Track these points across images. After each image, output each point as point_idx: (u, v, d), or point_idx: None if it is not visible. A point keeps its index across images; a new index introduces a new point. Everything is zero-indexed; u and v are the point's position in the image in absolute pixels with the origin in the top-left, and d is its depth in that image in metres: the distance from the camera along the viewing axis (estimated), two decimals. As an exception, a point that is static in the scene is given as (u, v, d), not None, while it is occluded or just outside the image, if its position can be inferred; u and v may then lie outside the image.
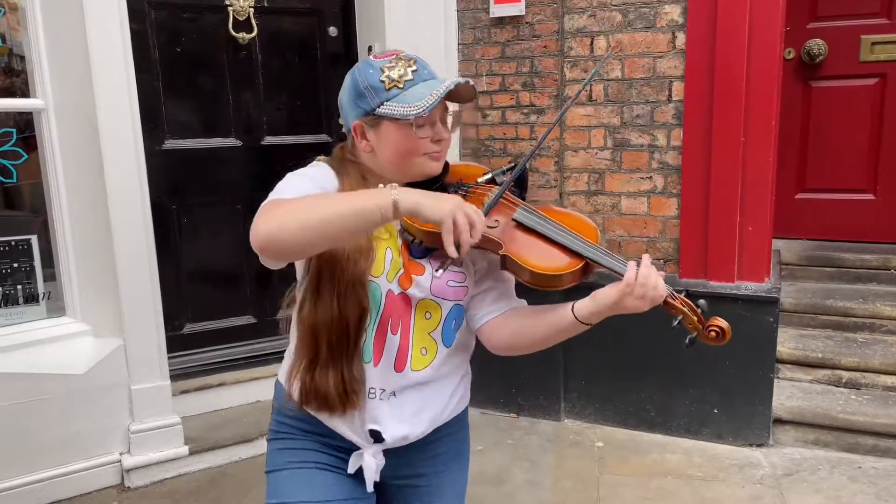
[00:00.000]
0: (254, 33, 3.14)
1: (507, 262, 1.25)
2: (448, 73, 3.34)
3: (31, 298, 2.79)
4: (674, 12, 2.93)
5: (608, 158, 3.15)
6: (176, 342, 3.12)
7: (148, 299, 2.79)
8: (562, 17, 3.12)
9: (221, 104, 3.20)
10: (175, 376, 3.00)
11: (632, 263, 1.18)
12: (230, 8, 3.08)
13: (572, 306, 1.22)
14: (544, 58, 3.19)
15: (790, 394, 3.02)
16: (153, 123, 2.99)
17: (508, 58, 3.26)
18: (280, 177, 1.34)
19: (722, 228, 2.96)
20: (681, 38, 2.93)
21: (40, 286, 2.81)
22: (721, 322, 1.21)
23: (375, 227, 1.14)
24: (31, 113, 2.74)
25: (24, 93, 2.76)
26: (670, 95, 3.00)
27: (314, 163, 1.38)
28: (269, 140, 3.33)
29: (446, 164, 1.35)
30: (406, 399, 1.31)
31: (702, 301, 1.23)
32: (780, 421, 2.97)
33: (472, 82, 1.28)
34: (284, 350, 1.41)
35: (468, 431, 1.51)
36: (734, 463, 2.89)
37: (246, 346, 3.37)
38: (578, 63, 3.13)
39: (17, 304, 2.77)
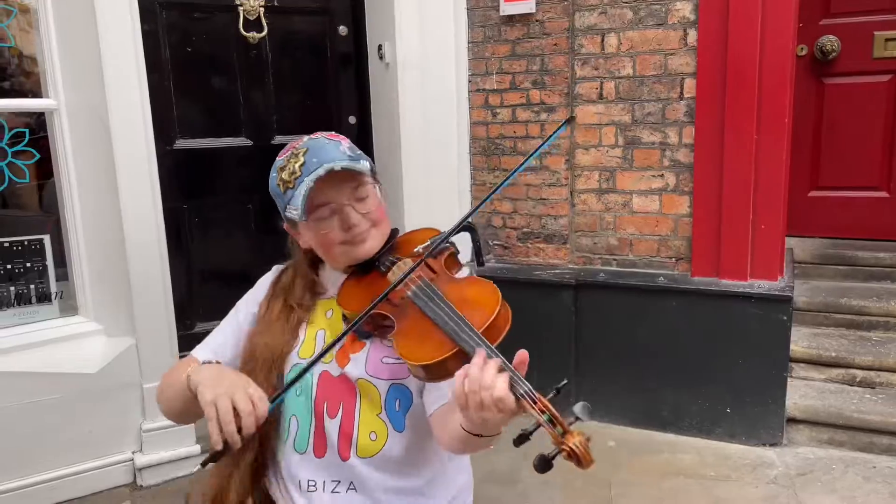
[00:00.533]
0: (264, 33, 3.15)
1: (394, 347, 1.14)
2: (458, 72, 3.34)
3: (44, 298, 2.81)
4: (685, 9, 2.91)
5: (619, 156, 3.13)
6: (187, 341, 3.12)
7: (160, 298, 2.80)
8: (572, 14, 3.11)
9: (232, 104, 3.21)
10: (187, 375, 3.01)
11: (476, 355, 0.98)
12: (240, 7, 3.08)
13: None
14: (555, 55, 3.17)
15: (804, 393, 3.00)
16: (164, 123, 3.00)
17: (518, 56, 3.25)
18: None
19: (734, 226, 2.94)
20: (692, 35, 2.91)
21: (53, 286, 2.82)
22: (578, 444, 0.95)
23: (192, 400, 1.14)
24: (43, 113, 2.75)
25: (36, 93, 2.77)
26: (682, 93, 2.98)
27: (272, 269, 1.44)
28: (279, 139, 3.33)
29: (394, 232, 1.31)
30: (365, 494, 1.19)
31: (578, 407, 0.98)
32: (793, 420, 2.95)
33: (345, 161, 1.20)
34: None
35: None
36: (747, 463, 2.87)
37: (257, 345, 3.37)
38: (589, 61, 3.12)
39: (30, 303, 2.78)
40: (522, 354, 0.97)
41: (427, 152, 3.26)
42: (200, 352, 1.33)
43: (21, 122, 2.79)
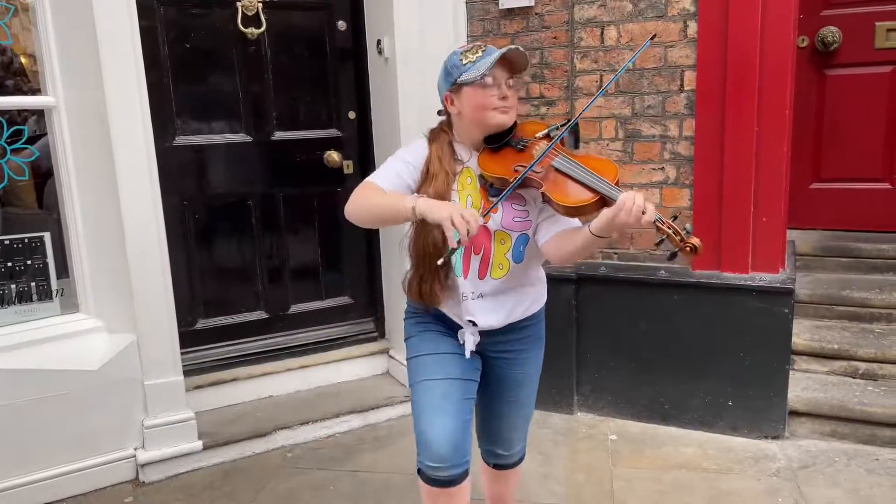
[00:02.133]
0: (262, 28, 3.14)
1: (546, 198, 1.67)
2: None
3: (45, 295, 2.81)
4: (685, 1, 2.89)
5: (619, 150, 3.12)
6: (189, 338, 3.13)
7: (160, 295, 2.80)
8: (571, 7, 3.10)
9: (231, 99, 3.20)
10: (188, 372, 3.01)
11: (629, 191, 1.52)
12: (239, 3, 3.08)
13: (589, 224, 1.61)
14: (554, 49, 3.16)
15: (806, 385, 2.99)
16: (163, 119, 3.00)
17: (518, 49, 3.23)
18: (289, 171, 1.56)
19: (735, 219, 2.93)
20: (692, 27, 2.90)
21: (54, 283, 2.82)
22: (695, 240, 1.52)
23: (406, 220, 1.66)
24: (42, 111, 2.75)
25: (35, 91, 2.77)
26: (682, 85, 2.96)
27: (418, 136, 1.86)
28: (279, 135, 3.32)
29: (515, 123, 1.78)
30: (491, 299, 1.80)
31: (688, 225, 1.55)
32: (795, 413, 2.95)
33: (521, 49, 1.68)
34: (295, 346, 1.96)
35: (544, 325, 2.02)
36: (749, 455, 2.87)
37: (258, 341, 3.38)
38: (589, 54, 3.10)
39: (31, 300, 2.79)
40: (640, 194, 1.52)
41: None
42: (384, 183, 1.73)
43: (21, 120, 2.78)
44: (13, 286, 2.75)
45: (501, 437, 2.07)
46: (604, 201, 1.59)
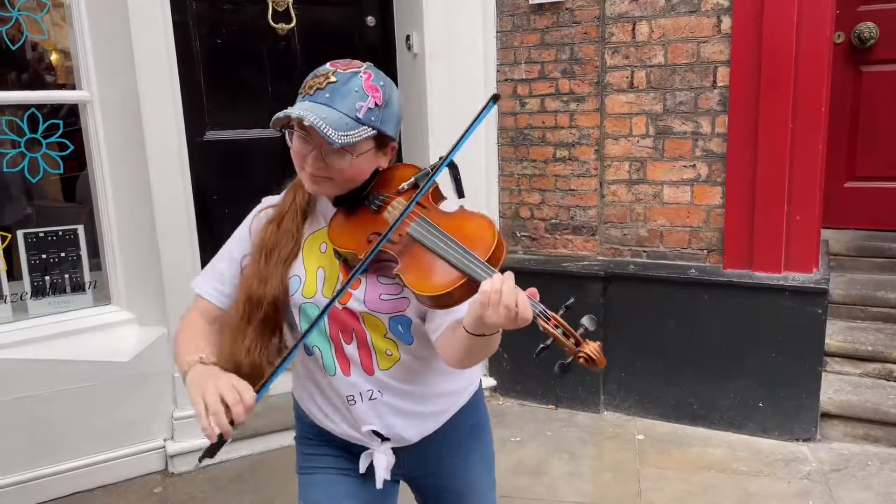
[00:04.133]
0: (293, 24, 3.16)
1: (400, 282, 1.20)
2: (486, 61, 3.31)
3: (78, 287, 2.85)
4: (719, -4, 2.86)
5: (650, 146, 3.09)
6: (217, 331, 3.15)
7: (190, 288, 2.82)
8: (602, 2, 3.07)
9: (261, 94, 3.22)
10: (216, 364, 3.04)
11: (495, 274, 1.09)
12: (269, -1, 3.09)
13: (463, 320, 1.17)
14: (584, 44, 3.13)
15: (838, 387, 2.94)
16: (194, 114, 3.02)
17: (548, 45, 3.22)
18: None
19: (768, 218, 2.88)
20: (726, 23, 2.86)
21: (86, 275, 2.86)
22: (592, 349, 1.10)
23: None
24: (76, 105, 2.78)
25: (70, 86, 2.81)
26: (715, 81, 2.92)
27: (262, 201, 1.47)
28: (307, 130, 3.33)
29: (376, 171, 1.32)
30: (394, 398, 1.35)
31: (587, 319, 1.11)
32: (827, 415, 2.90)
33: (318, 120, 1.19)
34: None
35: (483, 410, 1.53)
36: (780, 458, 2.83)
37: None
38: (619, 49, 3.07)
39: (65, 292, 2.83)
40: (532, 290, 1.09)
41: (454, 142, 3.24)
42: (203, 285, 1.40)
43: (56, 115, 2.83)
44: (47, 278, 2.79)
45: None
46: (473, 284, 1.11)
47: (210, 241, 3.14)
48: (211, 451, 1.16)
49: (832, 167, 3.43)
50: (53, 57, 3.02)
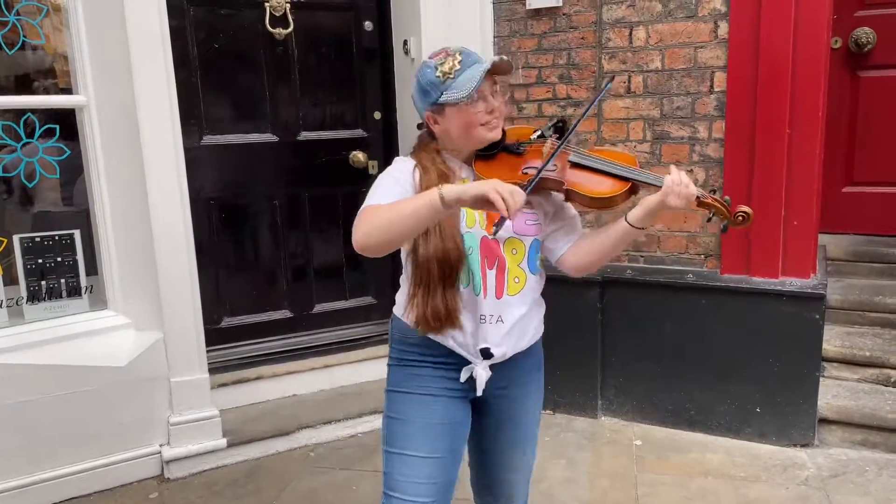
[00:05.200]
0: (290, 29, 3.16)
1: (570, 195, 1.58)
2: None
3: (74, 292, 2.85)
4: (716, 1, 2.85)
5: (647, 151, 3.09)
6: (214, 336, 3.16)
7: (187, 293, 2.82)
8: (599, 7, 3.07)
9: (258, 99, 3.22)
10: (213, 369, 3.04)
11: (665, 175, 1.49)
12: (267, 4, 3.10)
13: (625, 217, 1.54)
14: (582, 49, 3.14)
15: (836, 393, 2.93)
16: (192, 119, 3.03)
17: (545, 50, 3.22)
18: (315, 171, 1.46)
19: (766, 223, 2.87)
20: (723, 28, 2.86)
21: (83, 280, 2.86)
22: (745, 207, 1.52)
23: (432, 219, 1.38)
24: (73, 110, 2.78)
25: (67, 90, 2.81)
26: (712, 86, 2.92)
27: (396, 158, 1.67)
28: (304, 135, 3.34)
29: (503, 130, 1.63)
30: (509, 323, 1.60)
31: (727, 197, 1.54)
32: (825, 421, 2.89)
33: (505, 57, 1.55)
34: (319, 345, 1.66)
35: (542, 353, 1.79)
36: (778, 463, 2.82)
37: (282, 340, 3.39)
38: (616, 54, 3.07)
39: (61, 297, 2.82)
40: (674, 168, 1.52)
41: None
42: (385, 200, 1.50)
43: (52, 119, 2.82)
44: (43, 283, 2.79)
45: (503, 490, 1.84)
46: (633, 190, 1.55)
47: (206, 245, 3.14)
48: (498, 225, 1.38)
49: (830, 172, 3.43)
50: (51, 61, 3.01)
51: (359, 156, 3.40)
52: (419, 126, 1.69)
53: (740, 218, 1.51)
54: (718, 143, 2.94)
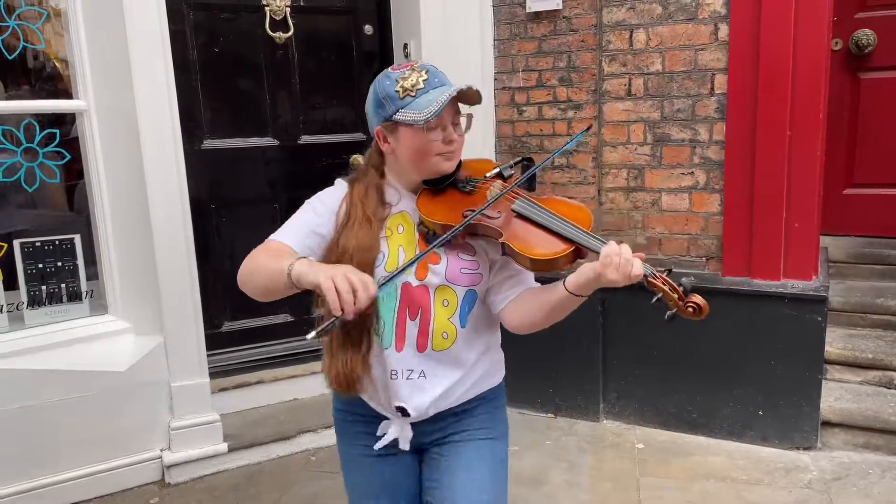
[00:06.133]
0: (290, 33, 3.16)
1: (505, 250, 1.38)
2: (484, 70, 3.32)
3: (75, 297, 2.84)
4: (716, 3, 2.85)
5: (648, 154, 3.09)
6: (214, 340, 3.15)
7: (187, 297, 2.82)
8: (600, 10, 3.07)
9: (259, 103, 3.22)
10: (214, 374, 3.03)
11: (611, 242, 1.30)
12: (267, 8, 3.09)
13: (564, 281, 1.35)
14: (582, 52, 3.13)
15: (839, 395, 2.92)
16: (192, 123, 3.02)
17: (545, 53, 3.22)
18: (315, 175, 1.48)
19: (767, 225, 2.87)
20: (724, 30, 2.86)
21: (83, 284, 2.85)
22: (698, 299, 1.29)
23: (289, 288, 1.31)
24: (73, 114, 2.78)
25: (67, 95, 2.81)
26: (712, 89, 2.92)
27: (337, 181, 1.57)
28: (305, 139, 3.34)
29: (460, 162, 1.50)
30: (434, 382, 1.46)
31: (685, 279, 1.30)
32: (828, 423, 2.88)
33: (475, 87, 1.40)
34: (320, 349, 1.57)
35: (504, 408, 1.63)
36: (780, 466, 2.81)
37: (283, 344, 3.38)
38: (617, 57, 3.07)
39: (61, 302, 2.82)
40: (640, 255, 1.28)
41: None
42: (287, 238, 1.44)
43: (52, 124, 2.82)
44: (44, 287, 2.78)
45: None
46: (578, 253, 1.35)
47: (207, 249, 3.14)
48: (326, 329, 1.24)
49: (831, 174, 3.42)
50: (51, 66, 3.02)
51: (359, 159, 3.35)
52: (368, 141, 1.57)
53: (691, 309, 1.29)
54: (719, 145, 2.94)
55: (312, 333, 1.23)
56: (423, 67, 1.44)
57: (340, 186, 1.53)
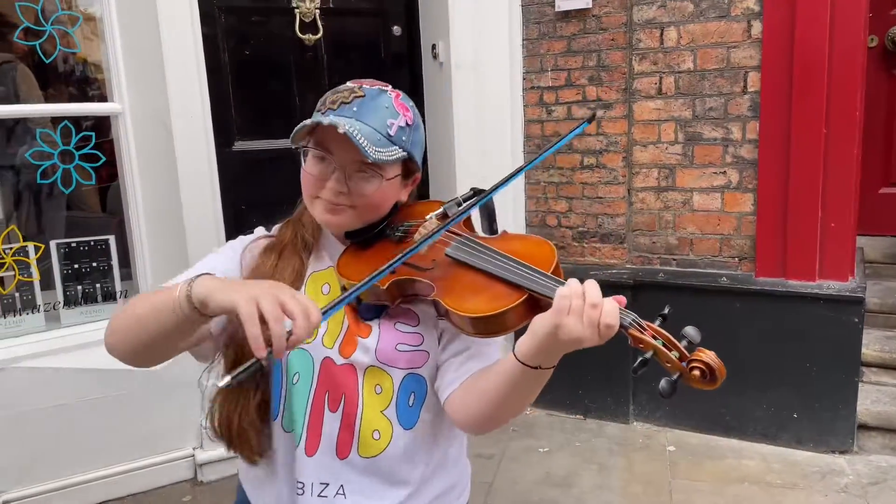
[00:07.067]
0: (319, 34, 3.17)
1: (439, 309, 1.02)
2: (512, 69, 3.30)
3: (109, 296, 2.88)
4: (749, 0, 2.81)
5: (679, 153, 3.05)
6: (245, 340, 3.17)
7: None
8: (630, 8, 3.04)
9: (288, 105, 3.24)
10: (244, 373, 3.05)
11: (571, 280, 0.90)
12: (296, 10, 3.11)
13: (514, 347, 0.94)
14: (612, 51, 3.11)
15: (876, 398, 2.87)
16: (223, 125, 3.05)
17: (574, 52, 3.20)
18: None
19: (802, 225, 2.83)
20: (757, 27, 2.82)
21: (117, 284, 2.89)
22: (708, 356, 0.87)
23: (178, 324, 0.91)
24: (108, 117, 2.82)
25: (101, 98, 2.85)
26: (745, 87, 2.88)
27: (256, 230, 1.25)
28: (334, 140, 3.35)
29: (395, 207, 1.16)
30: (353, 497, 1.07)
31: (690, 329, 0.90)
32: (864, 427, 2.83)
33: (368, 152, 1.03)
34: None
35: None
36: (816, 470, 2.76)
37: (312, 344, 3.40)
38: (647, 55, 3.04)
39: (96, 301, 2.86)
40: (619, 298, 0.89)
41: (481, 151, 3.24)
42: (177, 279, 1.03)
43: (88, 126, 2.87)
44: (79, 287, 2.83)
45: None
46: (535, 303, 0.95)
47: (238, 250, 3.16)
48: (246, 373, 0.83)
49: (867, 173, 3.36)
50: (86, 70, 3.07)
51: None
52: None
53: (697, 372, 0.87)
54: (752, 144, 2.90)
55: (227, 379, 0.82)
56: (365, 91, 1.10)
57: (258, 233, 1.24)
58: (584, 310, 0.86)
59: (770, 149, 2.85)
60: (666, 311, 0.90)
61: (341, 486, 1.07)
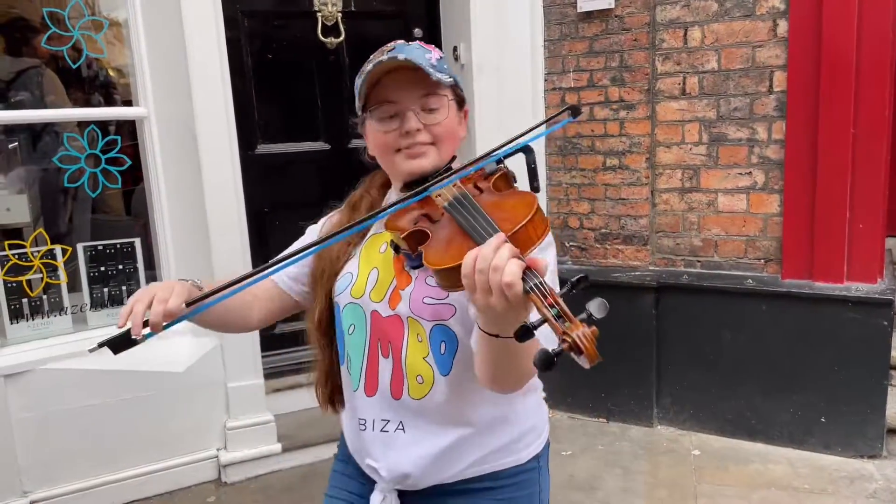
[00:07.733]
0: (341, 38, 3.19)
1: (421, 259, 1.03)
2: (534, 71, 3.29)
3: (135, 299, 2.91)
4: (775, -1, 2.79)
5: (703, 154, 3.02)
6: (269, 341, 3.19)
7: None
8: (653, 8, 3.02)
9: (311, 108, 3.26)
10: (268, 375, 3.07)
11: (490, 239, 0.87)
12: (319, 14, 3.13)
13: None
14: (634, 51, 3.09)
15: (906, 403, 2.82)
16: (246, 128, 3.07)
17: (596, 52, 3.18)
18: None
19: (829, 226, 2.79)
20: (783, 26, 2.78)
21: (143, 287, 2.92)
22: (582, 335, 0.79)
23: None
24: (134, 121, 2.85)
25: (126, 103, 2.88)
26: (771, 86, 2.85)
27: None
28: (355, 143, 3.36)
29: (454, 158, 1.19)
30: (412, 432, 1.15)
31: (593, 303, 0.81)
32: (893, 431, 2.78)
33: (411, 58, 1.08)
34: None
35: (537, 498, 1.23)
36: (844, 475, 2.72)
37: (335, 345, 3.41)
38: (671, 56, 3.02)
39: (122, 303, 2.89)
40: (538, 262, 0.85)
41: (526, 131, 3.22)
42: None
43: (115, 130, 2.91)
44: (106, 290, 2.86)
45: None
46: None
47: (262, 252, 3.18)
48: (113, 342, 1.06)
49: (894, 173, 3.30)
50: (111, 74, 3.11)
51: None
52: None
53: (566, 345, 0.79)
54: (779, 144, 2.86)
55: (95, 344, 1.04)
56: (394, 44, 1.15)
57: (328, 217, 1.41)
58: (485, 274, 0.83)
59: (796, 149, 2.81)
60: (578, 277, 0.84)
61: (400, 422, 1.15)
